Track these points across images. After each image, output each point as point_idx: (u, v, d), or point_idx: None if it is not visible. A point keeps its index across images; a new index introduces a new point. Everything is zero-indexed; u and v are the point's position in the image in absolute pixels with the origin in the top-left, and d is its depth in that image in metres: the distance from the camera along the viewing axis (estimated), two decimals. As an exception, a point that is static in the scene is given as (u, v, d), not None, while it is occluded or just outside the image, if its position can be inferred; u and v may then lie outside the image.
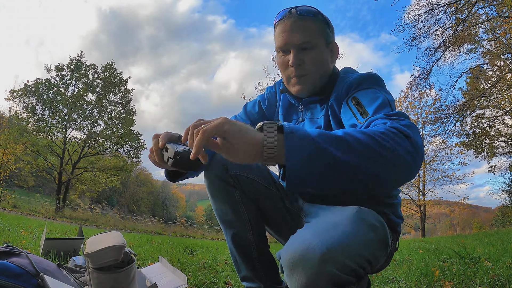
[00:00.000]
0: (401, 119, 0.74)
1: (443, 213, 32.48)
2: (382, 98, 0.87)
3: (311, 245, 0.69)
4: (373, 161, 0.63)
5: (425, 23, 10.81)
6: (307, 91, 1.04)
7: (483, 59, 13.81)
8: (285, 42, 1.00)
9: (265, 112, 1.24)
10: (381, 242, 0.82)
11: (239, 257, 1.18)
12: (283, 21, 1.01)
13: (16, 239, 2.84)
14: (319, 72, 1.02)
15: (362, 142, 0.63)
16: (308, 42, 0.99)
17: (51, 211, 14.92)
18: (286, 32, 1.00)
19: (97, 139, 18.33)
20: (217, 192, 1.13)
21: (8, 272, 1.04)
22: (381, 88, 0.94)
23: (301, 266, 0.68)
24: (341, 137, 0.63)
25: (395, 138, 0.65)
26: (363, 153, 0.62)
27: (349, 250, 0.70)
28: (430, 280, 1.87)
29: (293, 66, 1.01)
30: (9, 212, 10.38)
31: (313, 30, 1.00)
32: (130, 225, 14.71)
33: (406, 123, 0.71)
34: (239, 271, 1.21)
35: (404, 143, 0.66)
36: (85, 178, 18.38)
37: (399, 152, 0.65)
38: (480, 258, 2.57)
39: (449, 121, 14.07)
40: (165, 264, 1.70)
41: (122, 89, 18.78)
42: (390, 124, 0.70)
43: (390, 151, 0.64)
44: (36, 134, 17.18)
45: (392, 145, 0.64)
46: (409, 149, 0.66)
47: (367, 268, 0.75)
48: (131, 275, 1.21)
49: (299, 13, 0.99)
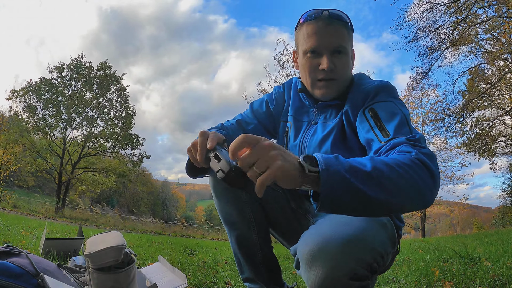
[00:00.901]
0: (422, 147, 0.77)
1: (443, 213, 32.48)
2: (400, 116, 0.87)
3: (331, 238, 0.69)
4: (400, 196, 0.67)
5: (425, 22, 10.82)
6: (332, 95, 1.04)
7: (482, 59, 13.81)
8: (318, 44, 0.98)
9: (272, 112, 1.23)
10: (391, 239, 0.84)
11: (243, 258, 1.18)
12: (315, 22, 0.98)
13: (16, 239, 2.84)
14: (346, 77, 1.03)
15: (392, 180, 0.65)
16: (342, 47, 0.99)
17: (51, 211, 14.92)
18: (319, 34, 0.98)
19: (97, 139, 18.33)
20: (223, 193, 1.13)
21: (8, 272, 1.04)
22: (397, 100, 0.94)
23: (321, 259, 0.68)
24: (371, 176, 0.64)
25: (419, 173, 0.69)
26: (392, 191, 0.65)
27: (366, 244, 0.71)
28: (430, 280, 1.87)
29: (326, 70, 0.99)
30: (9, 212, 10.37)
31: (344, 35, 0.99)
32: (130, 225, 14.72)
33: (427, 152, 0.74)
34: (242, 272, 1.21)
35: (427, 178, 0.69)
36: (85, 178, 18.38)
37: (422, 188, 0.68)
38: (480, 258, 2.57)
39: (449, 121, 14.08)
40: (164, 264, 1.70)
41: (118, 86, 18.78)
42: (415, 156, 0.72)
43: (415, 188, 0.68)
44: (36, 134, 17.19)
45: (417, 180, 0.68)
46: (430, 183, 0.70)
47: (380, 262, 0.76)
48: (131, 276, 1.21)
49: (333, 16, 0.98)
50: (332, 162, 0.63)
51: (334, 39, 0.98)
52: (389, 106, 0.91)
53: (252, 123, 1.22)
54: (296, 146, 1.11)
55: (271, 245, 1.21)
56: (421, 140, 0.80)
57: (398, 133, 0.83)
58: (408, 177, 0.67)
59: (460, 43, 11.44)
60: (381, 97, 0.95)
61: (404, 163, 0.68)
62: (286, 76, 15.14)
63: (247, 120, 1.23)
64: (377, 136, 0.86)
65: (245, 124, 1.22)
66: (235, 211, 1.13)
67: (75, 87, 18.33)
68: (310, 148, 1.05)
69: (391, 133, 0.84)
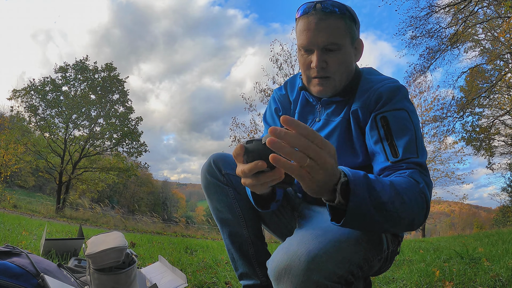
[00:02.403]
0: (427, 175, 0.83)
1: (443, 213, 32.47)
2: (411, 132, 0.87)
3: (296, 255, 0.69)
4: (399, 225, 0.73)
5: (425, 23, 10.81)
6: (329, 93, 1.00)
7: (482, 59, 13.82)
8: (309, 41, 0.93)
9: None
10: (374, 246, 0.82)
11: (236, 254, 1.20)
12: (307, 16, 0.93)
13: (16, 239, 2.84)
14: (342, 74, 0.98)
15: (398, 213, 0.70)
16: (333, 44, 0.92)
17: (52, 211, 14.93)
18: (310, 30, 0.93)
19: (98, 139, 18.37)
20: (213, 191, 1.15)
21: (8, 272, 1.04)
22: (410, 107, 0.92)
23: (286, 276, 0.68)
24: (385, 207, 0.68)
25: (421, 205, 0.75)
26: (395, 220, 0.71)
27: (338, 257, 0.70)
28: (430, 280, 1.87)
29: (316, 68, 0.95)
30: (9, 212, 10.38)
31: (339, 29, 0.92)
32: (131, 225, 14.72)
33: (428, 182, 0.81)
34: (236, 268, 1.22)
35: (423, 209, 0.76)
36: (86, 178, 18.41)
37: (417, 218, 0.75)
38: (480, 258, 2.57)
39: (449, 121, 14.08)
40: (164, 264, 1.70)
41: (120, 89, 18.83)
42: (422, 188, 0.77)
43: (411, 218, 0.74)
44: (37, 133, 17.23)
45: (417, 213, 0.74)
46: (424, 213, 0.76)
47: (357, 273, 0.75)
48: (132, 276, 1.21)
49: (324, 9, 0.91)
50: (363, 197, 0.65)
51: (325, 35, 0.91)
52: (402, 117, 0.90)
53: None
54: None
55: (265, 241, 1.22)
56: (425, 163, 0.85)
57: (407, 153, 0.85)
58: (410, 210, 0.72)
59: (460, 43, 11.42)
60: (395, 103, 0.91)
61: (413, 196, 0.74)
62: (284, 76, 14.97)
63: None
64: (385, 152, 0.87)
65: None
66: (226, 208, 1.15)
67: (78, 88, 18.38)
68: None
69: (400, 153, 0.85)
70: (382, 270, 0.98)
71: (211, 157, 1.19)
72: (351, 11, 0.97)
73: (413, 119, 0.90)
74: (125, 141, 18.65)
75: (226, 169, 1.14)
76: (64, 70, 18.01)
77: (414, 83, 14.17)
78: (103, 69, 18.63)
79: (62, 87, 17.97)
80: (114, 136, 18.60)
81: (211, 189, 1.15)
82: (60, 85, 17.91)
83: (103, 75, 18.61)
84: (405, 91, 0.94)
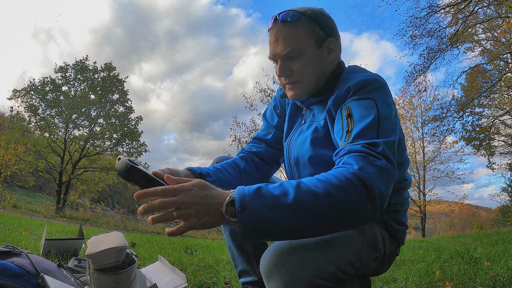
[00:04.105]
0: (377, 158, 0.72)
1: (443, 213, 32.46)
2: (372, 117, 0.81)
3: (286, 252, 0.70)
4: (321, 225, 0.65)
5: (425, 23, 10.80)
6: (303, 96, 1.02)
7: (482, 58, 13.82)
8: (271, 54, 0.99)
9: (280, 117, 1.23)
10: (368, 244, 0.82)
11: (236, 252, 1.23)
12: (271, 30, 0.98)
13: (16, 239, 2.84)
14: (312, 76, 0.98)
15: (312, 211, 0.64)
16: (293, 51, 0.95)
17: (52, 211, 14.92)
18: (271, 43, 0.98)
19: (98, 138, 18.38)
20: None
21: (8, 272, 1.04)
22: (381, 97, 0.87)
23: (276, 273, 0.69)
24: (291, 208, 0.64)
25: (351, 195, 0.65)
26: (310, 222, 0.64)
27: (328, 254, 0.70)
28: (430, 280, 1.87)
29: (281, 77, 1.00)
30: (9, 212, 10.38)
31: (298, 35, 0.94)
32: (131, 225, 14.70)
33: (380, 165, 0.70)
34: (236, 266, 1.25)
35: (361, 199, 0.66)
36: (86, 178, 18.42)
37: (352, 210, 0.66)
38: (481, 258, 2.57)
39: (449, 121, 14.08)
40: (164, 263, 1.70)
41: (120, 89, 18.84)
42: (354, 172, 0.68)
43: (341, 213, 0.65)
44: (37, 133, 17.24)
45: (344, 205, 0.65)
46: (365, 204, 0.66)
47: (349, 271, 0.75)
48: (132, 276, 1.21)
49: (281, 20, 0.95)
50: (250, 199, 0.64)
51: (283, 45, 0.95)
52: (367, 105, 0.84)
53: (270, 132, 1.23)
54: (285, 146, 1.12)
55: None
56: (383, 146, 0.74)
57: (359, 138, 0.78)
58: (332, 204, 0.64)
59: (460, 43, 11.41)
60: (362, 93, 0.87)
61: (334, 185, 0.66)
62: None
63: (264, 132, 1.25)
64: (341, 139, 0.82)
65: (264, 137, 1.24)
66: None
67: (78, 88, 18.39)
68: (294, 148, 1.05)
69: (351, 137, 0.79)
70: (380, 270, 0.97)
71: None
72: (315, 13, 0.97)
73: (380, 107, 0.84)
74: (125, 141, 18.66)
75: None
76: (64, 70, 18.02)
77: (414, 83, 14.15)
78: (102, 69, 18.64)
79: (62, 87, 17.98)
80: (114, 136, 18.63)
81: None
82: (60, 85, 17.92)
83: (103, 75, 18.62)
84: (379, 84, 0.90)
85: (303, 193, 0.65)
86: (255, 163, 1.19)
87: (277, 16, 0.96)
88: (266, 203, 0.64)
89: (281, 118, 1.22)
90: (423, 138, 17.76)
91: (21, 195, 19.75)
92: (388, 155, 0.74)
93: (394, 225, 0.98)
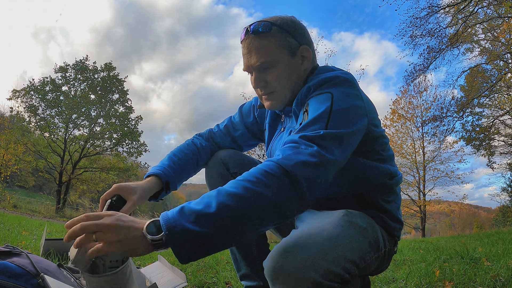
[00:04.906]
0: (308, 147, 0.73)
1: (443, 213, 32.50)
2: (323, 109, 0.80)
3: (291, 253, 0.69)
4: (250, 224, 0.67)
5: (425, 23, 10.80)
6: (279, 106, 1.02)
7: (481, 58, 13.83)
8: (245, 65, 0.99)
9: (257, 119, 1.23)
10: (371, 244, 0.82)
11: (239, 255, 1.19)
12: (243, 42, 0.98)
13: (16, 239, 2.84)
14: (287, 86, 0.98)
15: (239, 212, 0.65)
16: (266, 62, 0.95)
17: (52, 211, 14.93)
18: (244, 55, 0.98)
19: (98, 138, 18.38)
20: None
21: (8, 272, 1.04)
22: (342, 90, 0.85)
23: (282, 275, 0.68)
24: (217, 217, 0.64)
25: (267, 183, 0.67)
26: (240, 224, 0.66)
27: (333, 255, 0.70)
28: (430, 280, 1.87)
29: (256, 88, 1.00)
30: (9, 212, 10.38)
31: (270, 46, 0.94)
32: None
33: (311, 152, 0.71)
34: (239, 269, 1.22)
35: (281, 186, 0.67)
36: (86, 178, 18.43)
37: (278, 202, 0.67)
38: (480, 258, 2.57)
39: (449, 121, 14.08)
40: (164, 263, 1.70)
41: (120, 88, 18.85)
42: (280, 160, 0.70)
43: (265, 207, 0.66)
44: (37, 133, 17.24)
45: (266, 197, 0.66)
46: (290, 194, 0.68)
47: (353, 271, 0.75)
48: (127, 273, 1.20)
49: (253, 31, 0.94)
50: (175, 219, 0.64)
51: (256, 57, 0.95)
52: (323, 98, 0.84)
53: (240, 129, 1.24)
54: (267, 155, 1.12)
55: (268, 242, 1.22)
56: (324, 136, 0.75)
57: (303, 129, 0.78)
58: (252, 199, 0.66)
59: (460, 42, 11.42)
60: (321, 88, 0.87)
61: (252, 180, 0.67)
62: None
63: (235, 126, 1.25)
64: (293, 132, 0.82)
65: (233, 130, 1.24)
66: None
67: (78, 88, 18.40)
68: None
69: (298, 129, 0.79)
70: (380, 269, 0.97)
71: (219, 154, 1.18)
72: (284, 23, 0.96)
73: (336, 100, 0.82)
74: (125, 141, 18.67)
75: (234, 168, 1.13)
76: (64, 70, 18.03)
77: (414, 83, 14.18)
78: (102, 69, 18.64)
79: (62, 87, 18.00)
80: (114, 136, 18.65)
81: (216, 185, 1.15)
82: (60, 85, 17.93)
83: (103, 75, 18.62)
84: (341, 79, 0.88)
85: (223, 198, 0.66)
86: (212, 152, 1.22)
87: (248, 28, 0.96)
88: (190, 219, 0.64)
89: (257, 120, 1.23)
90: (423, 138, 17.77)
91: (21, 195, 19.75)
92: (326, 144, 0.74)
93: (390, 222, 0.98)
